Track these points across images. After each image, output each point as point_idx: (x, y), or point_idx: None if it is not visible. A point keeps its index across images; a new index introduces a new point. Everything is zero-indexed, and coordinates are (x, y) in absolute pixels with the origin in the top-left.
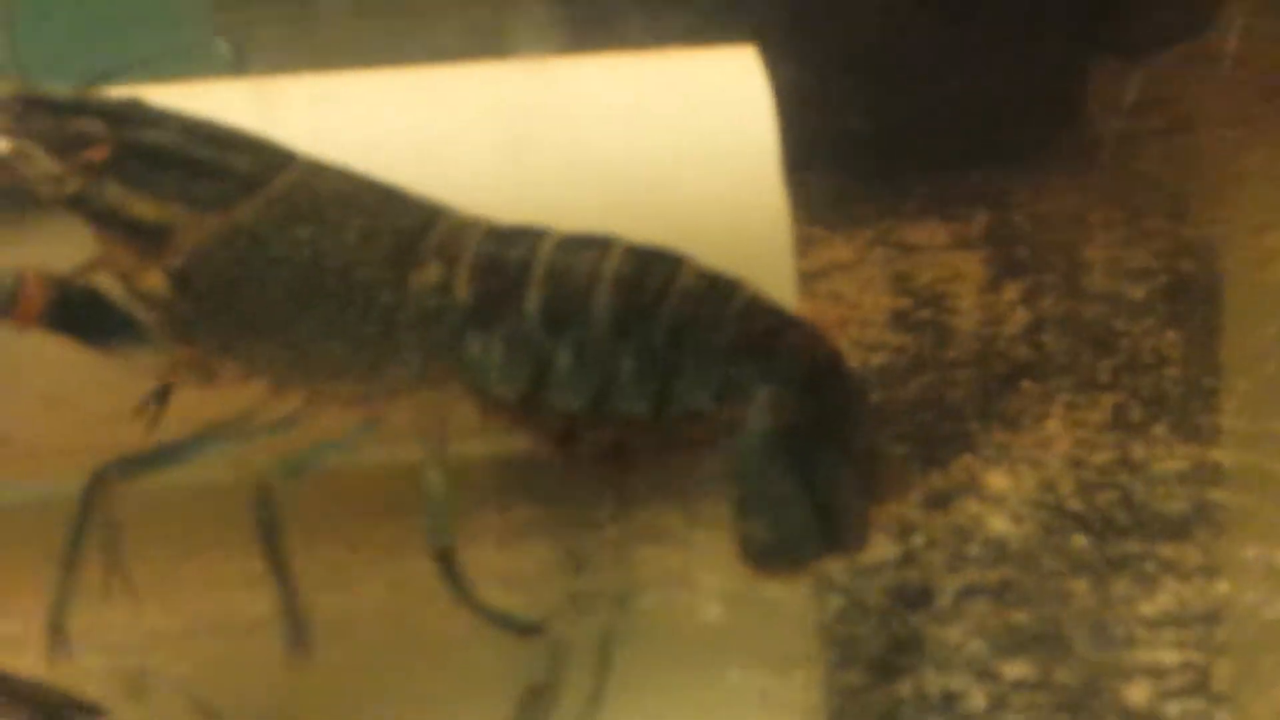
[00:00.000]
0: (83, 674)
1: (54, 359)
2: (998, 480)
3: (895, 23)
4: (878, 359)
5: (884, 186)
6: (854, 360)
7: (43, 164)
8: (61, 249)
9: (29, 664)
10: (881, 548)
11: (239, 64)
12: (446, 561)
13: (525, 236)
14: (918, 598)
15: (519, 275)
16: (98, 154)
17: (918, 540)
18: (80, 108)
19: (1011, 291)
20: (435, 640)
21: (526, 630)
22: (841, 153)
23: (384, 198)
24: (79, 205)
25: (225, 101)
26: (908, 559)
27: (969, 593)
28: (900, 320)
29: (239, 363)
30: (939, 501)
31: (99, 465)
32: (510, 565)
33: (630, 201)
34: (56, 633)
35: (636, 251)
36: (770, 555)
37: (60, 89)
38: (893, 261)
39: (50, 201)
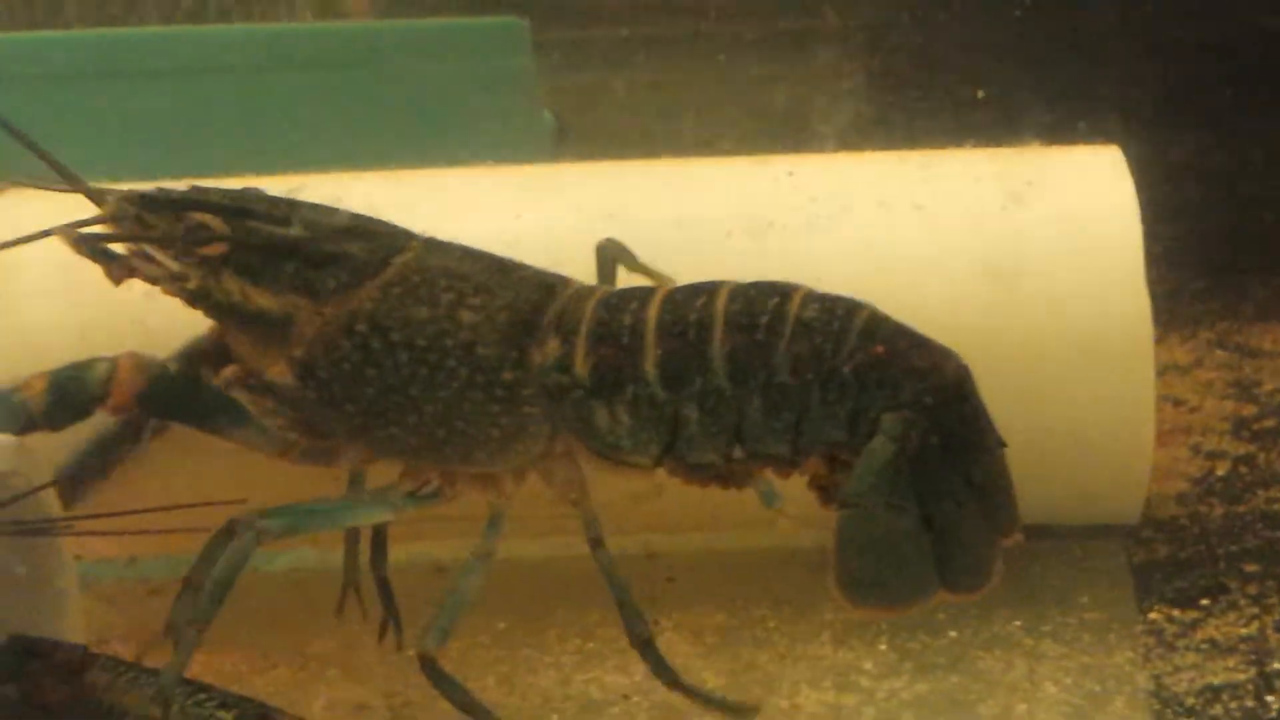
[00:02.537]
0: None
1: None
2: None
3: (1239, 119)
4: (1220, 468)
5: (1222, 287)
6: (1194, 469)
7: (163, 263)
8: None
9: None
10: (1233, 670)
11: (562, 134)
12: (647, 651)
13: (636, 297)
14: None
15: (634, 339)
16: (215, 249)
17: (1275, 665)
18: (197, 204)
19: None
20: None
21: (738, 712)
22: (1178, 249)
23: (500, 274)
24: (201, 301)
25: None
26: (1264, 684)
27: None
28: (1244, 429)
29: (364, 449)
30: None
31: (243, 514)
32: (848, 663)
33: (987, 296)
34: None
35: (744, 289)
36: (869, 590)
37: (176, 187)
38: (1233, 366)
39: (175, 296)
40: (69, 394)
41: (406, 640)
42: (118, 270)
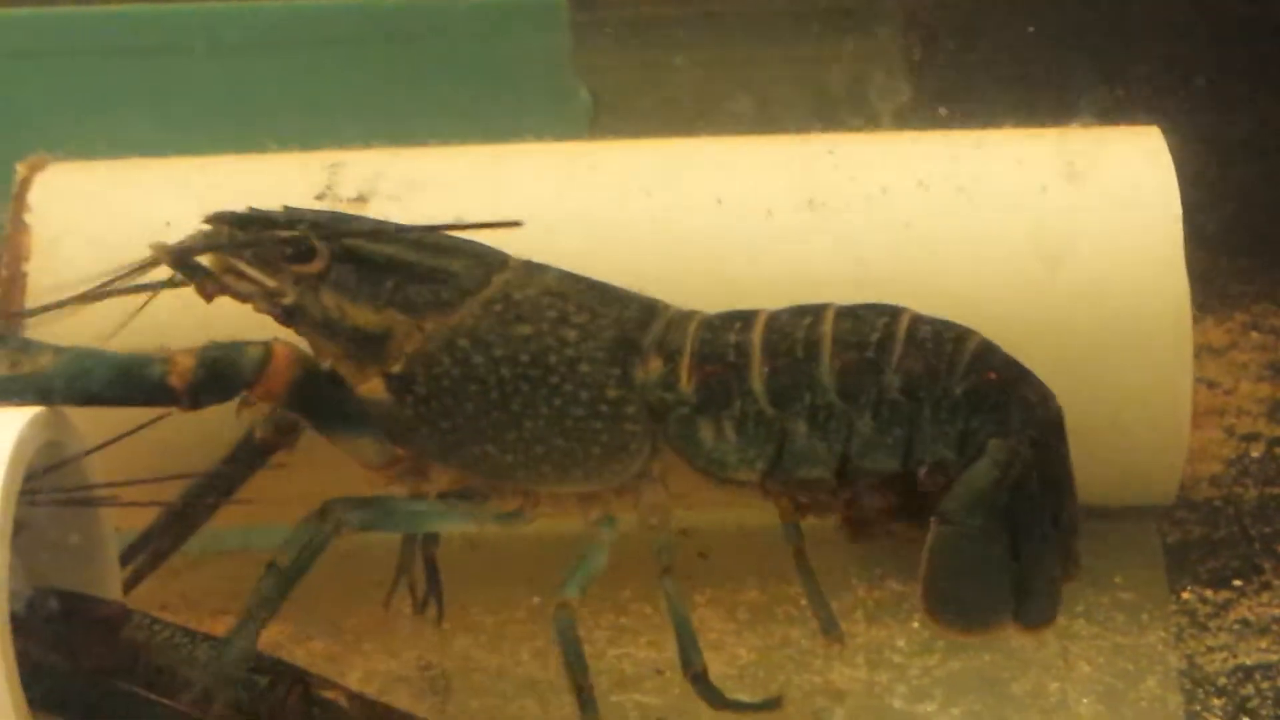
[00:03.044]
0: (465, 715)
1: None
2: None
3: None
4: (1255, 450)
5: (1258, 269)
6: (1228, 451)
7: (258, 280)
8: None
9: (406, 702)
10: (1266, 650)
11: (596, 111)
12: (699, 682)
13: (739, 319)
14: None
15: (740, 358)
16: (313, 267)
17: None
18: (292, 223)
19: None
20: (801, 703)
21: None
22: (1215, 231)
23: (599, 294)
24: (296, 316)
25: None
26: None
27: None
28: (1278, 411)
29: (455, 468)
30: None
31: (329, 502)
32: (881, 640)
33: (1026, 276)
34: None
35: (851, 310)
36: (952, 611)
37: (271, 209)
38: (1269, 349)
39: (266, 313)
40: (220, 374)
41: (446, 614)
42: (210, 287)
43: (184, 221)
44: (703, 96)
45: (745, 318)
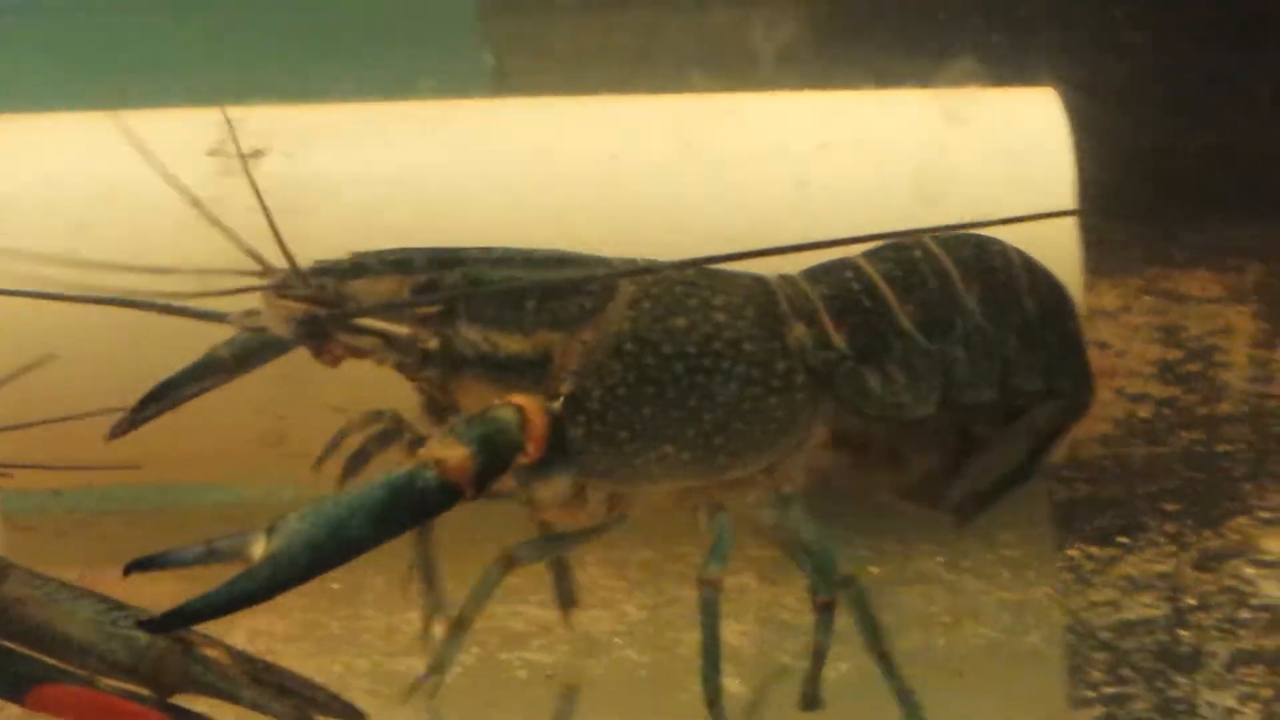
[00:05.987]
0: (351, 675)
1: (342, 370)
2: (1273, 544)
3: (1168, 67)
4: (1144, 411)
5: (1152, 233)
6: (1117, 411)
7: (386, 331)
8: None
9: (292, 661)
10: (1148, 605)
11: (500, 75)
12: (826, 614)
13: (845, 268)
14: (1188, 660)
15: (875, 301)
16: (433, 308)
17: (1188, 601)
18: (394, 267)
19: None
20: (690, 661)
21: None
22: (1107, 195)
23: (715, 274)
24: (438, 359)
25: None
26: (1178, 619)
27: (1242, 659)
28: (1168, 372)
29: (622, 480)
30: (1210, 563)
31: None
32: (771, 598)
33: None
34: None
35: (945, 241)
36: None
37: (362, 258)
38: (1161, 311)
39: (393, 364)
40: (498, 452)
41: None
42: (336, 349)
43: (69, 178)
44: (612, 62)
45: (848, 265)
